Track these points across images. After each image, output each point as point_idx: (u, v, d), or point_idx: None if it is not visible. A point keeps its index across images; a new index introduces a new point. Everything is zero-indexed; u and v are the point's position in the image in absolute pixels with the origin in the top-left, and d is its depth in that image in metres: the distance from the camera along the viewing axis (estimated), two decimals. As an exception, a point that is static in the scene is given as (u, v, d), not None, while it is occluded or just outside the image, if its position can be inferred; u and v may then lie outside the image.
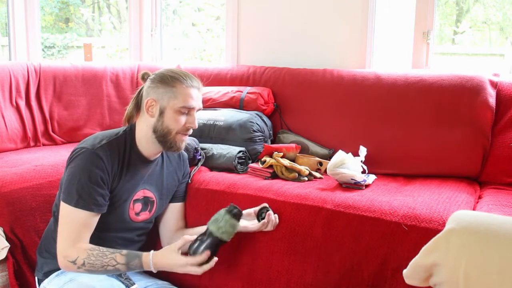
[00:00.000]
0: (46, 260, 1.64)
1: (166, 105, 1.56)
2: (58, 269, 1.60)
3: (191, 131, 1.62)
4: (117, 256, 1.49)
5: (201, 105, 1.63)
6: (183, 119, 1.57)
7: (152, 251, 1.50)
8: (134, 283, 1.58)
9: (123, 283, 1.57)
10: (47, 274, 1.63)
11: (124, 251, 1.51)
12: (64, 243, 1.49)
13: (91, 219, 1.51)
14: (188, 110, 1.57)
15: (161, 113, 1.56)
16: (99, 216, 1.54)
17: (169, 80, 1.57)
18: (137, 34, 3.22)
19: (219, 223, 1.50)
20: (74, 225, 1.49)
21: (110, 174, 1.53)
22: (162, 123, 1.56)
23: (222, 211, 1.53)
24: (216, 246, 1.50)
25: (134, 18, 3.20)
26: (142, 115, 1.61)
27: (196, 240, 1.51)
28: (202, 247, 1.48)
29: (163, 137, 1.57)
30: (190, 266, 1.47)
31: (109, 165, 1.52)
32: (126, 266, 1.49)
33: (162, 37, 3.28)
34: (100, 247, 1.50)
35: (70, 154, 1.56)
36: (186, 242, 1.51)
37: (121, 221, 1.63)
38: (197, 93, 1.60)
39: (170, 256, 1.49)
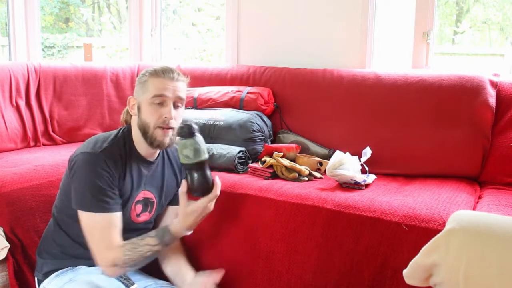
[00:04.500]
0: (45, 261, 1.64)
1: (142, 100, 1.56)
2: (58, 269, 1.61)
3: (171, 124, 1.55)
4: (149, 241, 1.52)
5: (180, 96, 1.57)
6: (157, 111, 1.54)
7: (174, 221, 1.57)
8: (133, 283, 1.58)
9: (122, 283, 1.57)
10: (46, 275, 1.62)
11: (152, 233, 1.55)
12: (100, 253, 1.49)
13: (114, 220, 1.52)
14: (161, 101, 1.54)
15: (139, 109, 1.57)
16: (121, 214, 1.54)
17: (143, 75, 1.59)
18: (137, 34, 3.22)
19: (183, 153, 1.50)
20: (101, 231, 1.49)
21: (115, 175, 1.53)
22: (141, 118, 1.57)
23: (178, 141, 1.53)
24: (203, 168, 1.52)
25: (134, 18, 3.20)
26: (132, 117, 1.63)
27: (186, 177, 1.54)
28: (195, 178, 1.51)
29: (145, 134, 1.56)
30: (208, 202, 1.54)
31: (112, 167, 1.52)
32: (161, 245, 1.54)
33: (162, 37, 3.28)
34: (130, 240, 1.52)
35: (72, 162, 1.54)
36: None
37: (123, 222, 1.63)
38: (172, 84, 1.55)
39: (190, 214, 1.54)
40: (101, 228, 1.49)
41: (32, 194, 1.84)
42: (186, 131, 1.50)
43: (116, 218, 1.52)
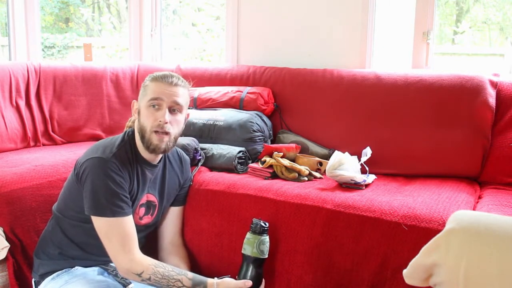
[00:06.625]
0: (42, 262, 1.64)
1: (141, 104, 1.59)
2: (54, 271, 1.61)
3: (166, 129, 1.55)
4: (183, 279, 1.50)
5: (176, 101, 1.57)
6: (153, 114, 1.55)
7: (215, 280, 1.53)
8: (130, 282, 1.58)
9: (119, 282, 1.58)
10: (43, 276, 1.63)
11: (190, 274, 1.52)
12: (121, 257, 1.49)
13: (129, 223, 1.52)
14: (156, 104, 1.55)
15: (139, 112, 1.60)
16: (132, 218, 1.55)
17: (146, 80, 1.62)
18: (137, 34, 3.22)
19: (248, 246, 1.59)
20: (120, 235, 1.49)
21: (127, 179, 1.54)
22: (140, 122, 1.59)
23: (248, 233, 1.61)
24: (259, 265, 1.61)
25: (134, 18, 3.20)
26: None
27: (241, 267, 1.61)
28: (249, 272, 1.59)
29: (143, 137, 1.57)
30: None
31: (124, 171, 1.53)
32: None
33: (162, 37, 3.28)
34: (164, 264, 1.52)
35: (81, 167, 1.53)
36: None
37: None
38: (169, 88, 1.56)
39: None
40: (117, 232, 1.49)
41: (32, 194, 1.84)
42: (266, 229, 1.61)
43: (131, 221, 1.53)
